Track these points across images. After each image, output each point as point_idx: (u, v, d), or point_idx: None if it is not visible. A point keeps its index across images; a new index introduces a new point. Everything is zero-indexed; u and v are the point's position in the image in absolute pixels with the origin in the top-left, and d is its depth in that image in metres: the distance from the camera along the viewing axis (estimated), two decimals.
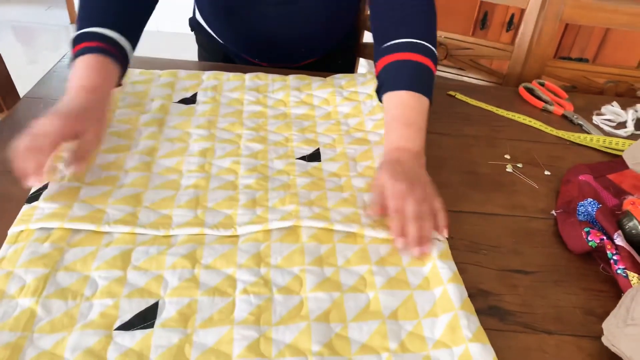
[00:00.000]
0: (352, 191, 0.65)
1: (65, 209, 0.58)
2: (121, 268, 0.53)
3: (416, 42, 0.68)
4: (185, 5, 2.92)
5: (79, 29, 0.67)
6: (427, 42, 0.68)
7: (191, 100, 0.82)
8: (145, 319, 0.48)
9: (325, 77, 0.90)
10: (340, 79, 0.89)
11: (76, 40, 0.66)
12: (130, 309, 0.49)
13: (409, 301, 0.52)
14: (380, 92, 0.70)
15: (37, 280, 0.50)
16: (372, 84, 0.84)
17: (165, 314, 0.49)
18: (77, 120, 0.59)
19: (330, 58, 1.04)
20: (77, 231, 0.57)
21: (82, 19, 0.68)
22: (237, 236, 0.58)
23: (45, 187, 0.61)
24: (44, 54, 2.67)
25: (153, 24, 3.14)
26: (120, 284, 0.51)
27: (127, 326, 0.48)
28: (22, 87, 0.94)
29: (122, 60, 0.69)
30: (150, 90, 0.83)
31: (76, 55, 0.65)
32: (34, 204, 0.59)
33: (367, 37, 1.17)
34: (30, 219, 0.57)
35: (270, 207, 0.61)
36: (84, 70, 0.64)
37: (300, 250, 0.56)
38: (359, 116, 0.80)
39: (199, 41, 1.08)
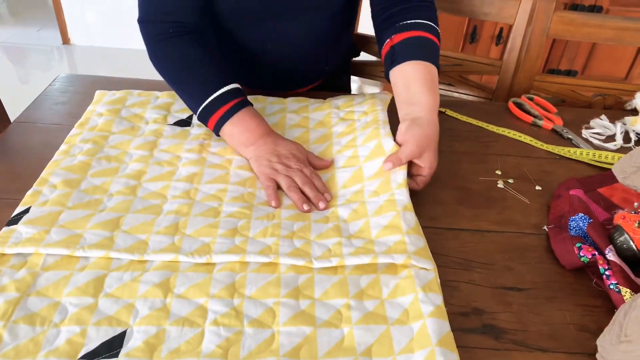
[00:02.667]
0: (337, 222, 0.64)
1: (42, 234, 0.58)
2: (93, 295, 0.52)
3: (425, 23, 0.78)
4: None
5: (201, 98, 0.73)
6: (433, 23, 0.79)
7: (186, 122, 0.82)
8: (110, 348, 0.47)
9: (324, 97, 0.90)
10: (338, 99, 0.88)
11: (213, 106, 0.73)
12: (97, 337, 0.48)
13: (384, 337, 0.50)
14: (396, 62, 0.76)
15: (7, 303, 0.50)
16: (368, 103, 0.84)
17: (132, 343, 0.48)
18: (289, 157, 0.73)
19: (331, 80, 1.05)
20: (52, 254, 0.56)
21: (199, 88, 0.75)
22: (213, 265, 0.57)
23: (26, 210, 0.61)
24: (36, 74, 2.67)
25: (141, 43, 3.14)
26: (90, 311, 0.51)
27: (91, 355, 0.47)
28: (15, 107, 0.94)
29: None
30: (145, 114, 0.82)
31: (228, 115, 0.73)
32: (13, 227, 0.59)
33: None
34: (6, 242, 0.56)
35: (250, 237, 0.60)
36: (252, 122, 0.74)
37: (277, 281, 0.55)
38: (352, 133, 0.79)
39: None
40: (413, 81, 0.74)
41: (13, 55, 2.82)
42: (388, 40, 0.79)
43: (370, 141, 0.75)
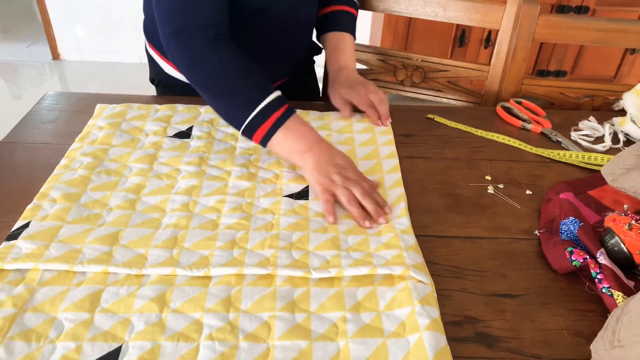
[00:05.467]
0: (336, 232, 0.64)
1: (42, 249, 0.58)
2: (89, 310, 0.52)
3: None
4: None
5: (248, 109, 0.71)
6: None
7: (186, 134, 0.82)
8: None
9: (320, 109, 0.91)
10: (339, 121, 0.89)
11: (262, 116, 0.71)
12: (92, 353, 0.48)
13: (380, 350, 0.50)
14: (321, 31, 0.98)
15: (4, 320, 0.50)
16: (369, 134, 0.85)
17: (127, 359, 0.48)
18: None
19: (298, 79, 1.07)
20: (50, 269, 0.56)
21: (244, 99, 0.72)
22: (209, 278, 0.57)
23: (26, 225, 0.61)
24: (27, 89, 2.66)
25: (136, 56, 3.13)
26: (86, 326, 0.51)
27: None
28: (6, 123, 0.93)
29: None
30: (145, 126, 0.83)
31: (279, 122, 0.72)
32: (12, 242, 0.59)
33: None
34: (5, 257, 0.57)
35: (248, 249, 0.60)
36: (304, 128, 0.73)
37: (272, 294, 0.55)
38: (353, 159, 0.79)
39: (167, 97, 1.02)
40: (333, 48, 0.95)
41: (3, 72, 2.81)
42: (319, 9, 0.98)
43: (371, 175, 0.76)
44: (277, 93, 0.73)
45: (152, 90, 1.06)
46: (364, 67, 1.16)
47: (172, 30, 0.73)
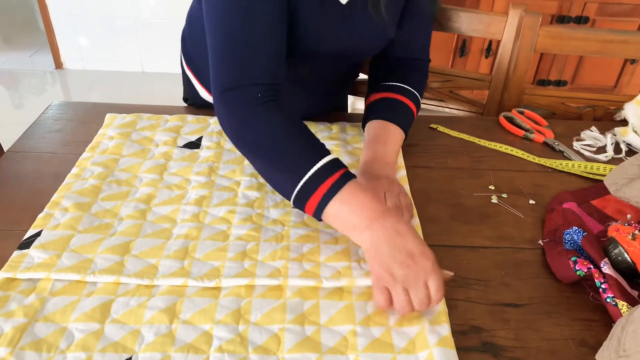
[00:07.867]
0: (346, 244, 0.64)
1: (54, 259, 0.58)
2: (99, 321, 0.53)
3: (407, 88, 0.85)
4: (170, 45, 2.93)
5: (298, 174, 0.61)
6: (416, 90, 0.86)
7: (196, 144, 0.83)
8: None
9: (331, 122, 0.92)
10: (347, 132, 0.89)
11: (313, 182, 0.60)
12: None
13: None
14: (368, 118, 0.84)
15: (15, 329, 0.50)
16: None
17: None
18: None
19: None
20: (61, 279, 0.57)
21: (297, 161, 0.62)
22: (219, 290, 0.57)
23: (38, 234, 0.62)
24: (30, 98, 2.68)
25: (138, 65, 3.14)
26: (97, 337, 0.51)
27: None
28: (9, 132, 0.94)
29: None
30: (155, 136, 0.84)
31: (334, 189, 0.59)
32: (25, 251, 0.59)
33: None
34: (18, 266, 0.57)
35: (259, 260, 0.61)
36: (364, 197, 0.59)
37: (282, 307, 0.55)
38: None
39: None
40: (375, 138, 0.80)
41: (6, 81, 2.83)
42: (369, 95, 0.87)
43: None
44: (332, 156, 0.62)
45: (156, 100, 1.07)
46: (366, 77, 1.17)
47: (221, 90, 0.67)
